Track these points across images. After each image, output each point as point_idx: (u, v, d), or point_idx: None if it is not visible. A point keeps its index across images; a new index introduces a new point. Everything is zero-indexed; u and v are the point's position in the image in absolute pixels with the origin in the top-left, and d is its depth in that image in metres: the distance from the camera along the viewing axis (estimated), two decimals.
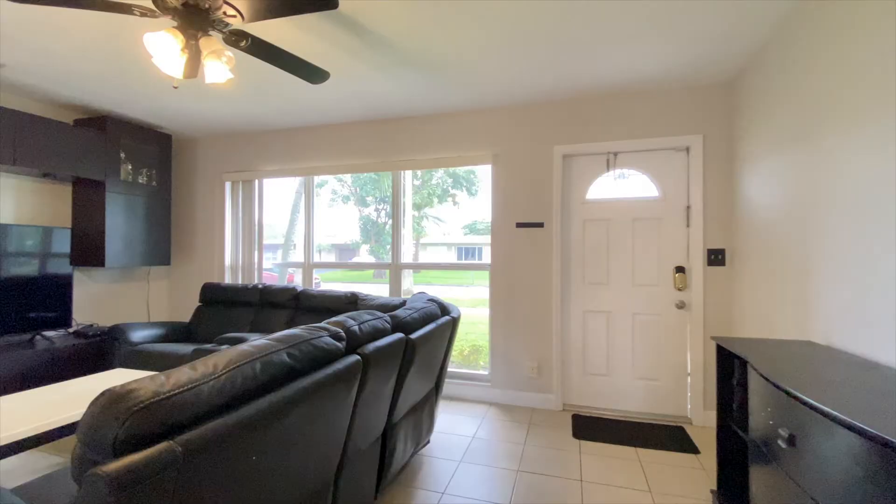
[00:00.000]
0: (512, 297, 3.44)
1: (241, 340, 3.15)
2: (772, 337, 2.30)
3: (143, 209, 3.90)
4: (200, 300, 3.89)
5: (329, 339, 1.35)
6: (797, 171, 2.06)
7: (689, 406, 3.08)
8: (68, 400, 2.08)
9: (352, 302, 3.47)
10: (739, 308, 2.85)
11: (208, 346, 3.11)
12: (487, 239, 3.52)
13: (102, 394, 0.83)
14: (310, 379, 1.18)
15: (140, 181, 3.89)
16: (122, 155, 3.74)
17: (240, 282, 4.32)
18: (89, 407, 0.81)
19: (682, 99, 3.08)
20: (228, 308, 3.81)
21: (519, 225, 3.40)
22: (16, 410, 1.94)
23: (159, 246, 4.06)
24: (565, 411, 3.30)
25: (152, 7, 1.72)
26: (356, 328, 1.54)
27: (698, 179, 3.03)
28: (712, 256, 3.01)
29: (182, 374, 0.92)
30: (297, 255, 4.68)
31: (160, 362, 3.12)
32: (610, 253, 3.26)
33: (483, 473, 2.35)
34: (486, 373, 3.57)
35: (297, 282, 4.51)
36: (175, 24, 1.75)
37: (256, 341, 1.19)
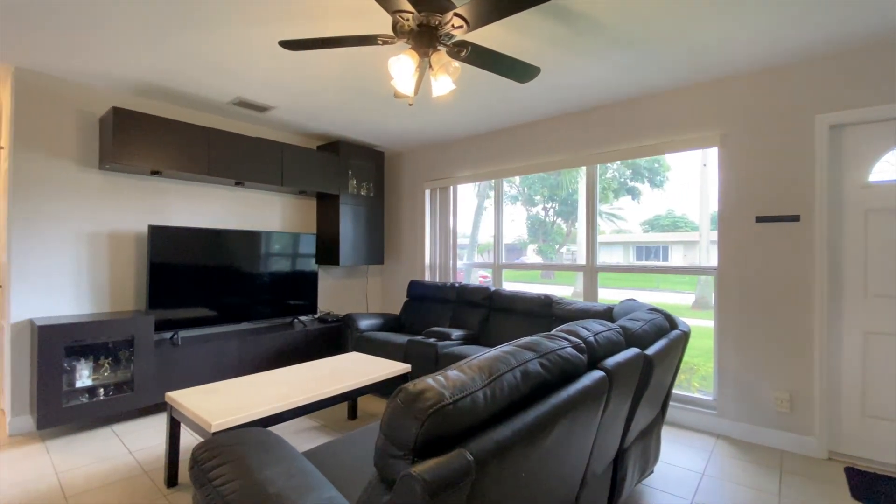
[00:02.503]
0: (749, 308, 2.81)
1: (446, 335, 3.36)
2: None
3: (364, 217, 4.56)
4: (407, 295, 4.33)
5: (572, 351, 1.24)
6: None
7: None
8: (326, 376, 2.51)
9: (546, 305, 3.36)
10: None
11: (419, 337, 3.40)
12: (673, 237, 2.96)
13: (399, 391, 0.87)
14: (565, 393, 1.09)
15: (362, 193, 4.55)
16: (350, 172, 4.44)
17: (437, 280, 4.66)
18: (389, 402, 0.87)
19: None
20: (430, 303, 4.14)
21: (760, 219, 2.75)
22: (290, 383, 2.41)
23: (375, 247, 4.69)
24: (833, 461, 2.52)
25: (392, 34, 1.91)
26: (592, 339, 1.40)
27: None
28: None
29: (456, 378, 0.93)
30: (477, 255, 4.83)
31: (382, 348, 3.56)
32: None
33: None
34: (709, 398, 3.00)
35: (469, 280, 4.64)
36: (409, 45, 1.91)
37: (504, 347, 1.15)
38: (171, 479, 2.18)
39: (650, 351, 1.63)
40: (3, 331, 2.89)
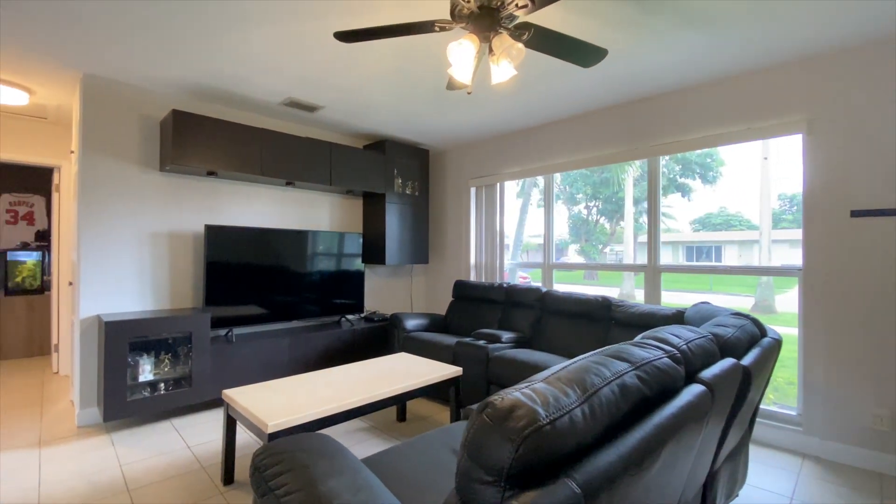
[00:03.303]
0: (841, 313, 2.50)
1: (496, 338, 3.23)
2: None
3: (409, 216, 4.51)
4: (453, 295, 4.23)
5: (669, 361, 1.08)
6: None
7: None
8: (378, 377, 2.44)
9: (604, 307, 3.15)
10: None
11: (468, 339, 3.29)
12: (727, 236, 2.68)
13: (485, 405, 0.76)
14: (668, 411, 0.94)
15: (407, 192, 4.50)
16: (395, 171, 4.40)
17: (483, 280, 4.54)
18: (475, 419, 0.76)
19: None
20: (477, 304, 4.02)
21: (857, 213, 2.44)
22: (343, 383, 2.37)
23: (420, 247, 4.62)
24: None
25: (449, 20, 1.80)
26: (686, 348, 1.23)
27: None
28: None
29: (548, 392, 0.80)
30: (511, 255, 4.65)
31: (429, 349, 3.47)
32: None
33: None
34: (792, 413, 2.70)
35: (513, 280, 4.47)
36: (468, 30, 1.80)
37: (591, 357, 1.01)
38: (228, 477, 2.18)
39: (746, 361, 1.44)
40: (73, 326, 3.04)
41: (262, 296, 3.53)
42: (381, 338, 4.05)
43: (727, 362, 1.31)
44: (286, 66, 2.81)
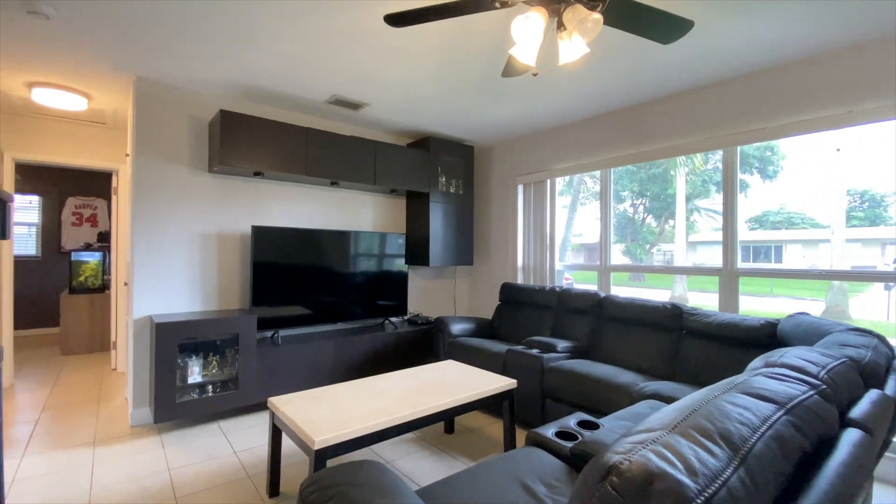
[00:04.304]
0: None
1: (551, 347, 3.00)
2: None
3: (454, 215, 4.34)
4: (500, 299, 4.03)
5: (819, 400, 0.84)
6: None
7: None
8: (427, 388, 2.28)
9: (674, 316, 2.84)
10: None
11: (519, 347, 3.08)
12: (789, 235, 2.30)
13: (608, 469, 0.57)
14: (833, 471, 0.71)
15: (451, 191, 4.34)
16: (439, 169, 4.24)
17: (531, 282, 4.30)
18: (591, 486, 0.57)
19: None
20: (526, 309, 3.80)
21: None
22: (391, 394, 2.22)
23: (464, 247, 4.45)
24: None
25: None
26: (828, 378, 0.98)
27: None
28: None
29: (684, 448, 0.60)
30: (559, 256, 4.36)
31: (477, 357, 3.29)
32: None
33: None
34: None
35: (559, 282, 4.18)
36: (533, 4, 1.60)
37: (720, 394, 0.79)
38: (273, 488, 2.09)
39: (890, 391, 1.16)
40: (128, 326, 3.09)
41: (306, 297, 3.47)
42: (426, 342, 3.90)
43: (875, 395, 1.05)
44: (331, 63, 2.71)
